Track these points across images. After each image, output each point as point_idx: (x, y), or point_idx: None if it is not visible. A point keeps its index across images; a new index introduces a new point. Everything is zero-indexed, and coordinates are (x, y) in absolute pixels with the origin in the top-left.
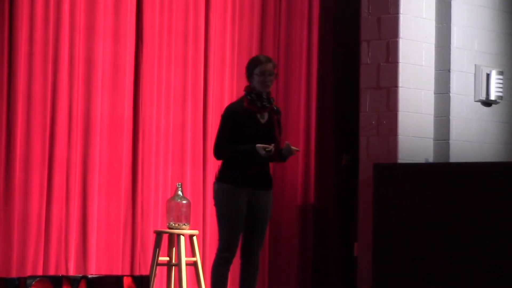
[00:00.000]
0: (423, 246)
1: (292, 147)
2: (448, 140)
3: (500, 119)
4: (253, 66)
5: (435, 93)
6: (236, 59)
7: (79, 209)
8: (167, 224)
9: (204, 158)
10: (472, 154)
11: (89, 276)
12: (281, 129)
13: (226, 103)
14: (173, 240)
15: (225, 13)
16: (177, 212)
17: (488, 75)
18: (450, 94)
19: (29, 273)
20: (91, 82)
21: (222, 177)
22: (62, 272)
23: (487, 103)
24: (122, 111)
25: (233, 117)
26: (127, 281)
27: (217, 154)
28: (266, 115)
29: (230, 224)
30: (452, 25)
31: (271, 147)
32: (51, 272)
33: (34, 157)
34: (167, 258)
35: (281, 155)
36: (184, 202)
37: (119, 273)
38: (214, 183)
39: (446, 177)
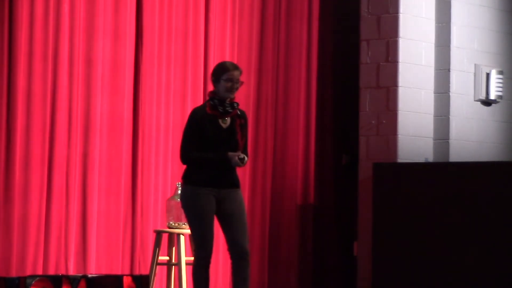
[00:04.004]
0: (423, 245)
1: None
2: (448, 139)
3: (500, 119)
4: (221, 72)
5: (435, 93)
6: (236, 59)
7: (79, 209)
8: (167, 224)
9: None
10: (472, 154)
11: (89, 275)
12: (244, 133)
13: None
14: (173, 239)
15: (225, 13)
16: (177, 212)
17: (488, 75)
18: (450, 94)
19: (29, 272)
20: (91, 81)
21: (187, 180)
22: (62, 272)
23: (487, 102)
24: (121, 111)
25: (195, 123)
26: (127, 280)
27: (184, 159)
28: (228, 120)
29: (200, 223)
30: (452, 25)
31: (243, 156)
32: (51, 271)
33: (34, 157)
34: (167, 258)
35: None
36: None
37: (119, 272)
38: (181, 187)
39: (446, 177)
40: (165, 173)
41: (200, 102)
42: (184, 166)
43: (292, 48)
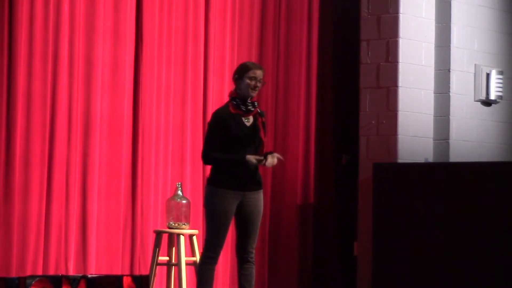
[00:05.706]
0: (423, 245)
1: (275, 158)
2: (448, 139)
3: (500, 119)
4: (245, 70)
5: (435, 93)
6: (236, 59)
7: (79, 209)
8: (167, 224)
9: None
10: (472, 154)
11: (89, 275)
12: (266, 131)
13: None
14: (173, 239)
15: (225, 13)
16: (177, 212)
17: (488, 75)
18: (450, 94)
19: (28, 272)
20: (91, 82)
21: (213, 181)
22: (61, 272)
23: (487, 102)
24: (122, 111)
25: (221, 123)
26: (126, 280)
27: (206, 159)
28: (251, 118)
29: (218, 226)
30: (452, 25)
31: (262, 158)
32: (51, 272)
33: (34, 157)
34: (167, 258)
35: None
36: (184, 201)
37: (119, 273)
38: (205, 186)
39: (446, 177)
40: (165, 174)
41: (200, 102)
42: (209, 166)
43: (292, 48)
